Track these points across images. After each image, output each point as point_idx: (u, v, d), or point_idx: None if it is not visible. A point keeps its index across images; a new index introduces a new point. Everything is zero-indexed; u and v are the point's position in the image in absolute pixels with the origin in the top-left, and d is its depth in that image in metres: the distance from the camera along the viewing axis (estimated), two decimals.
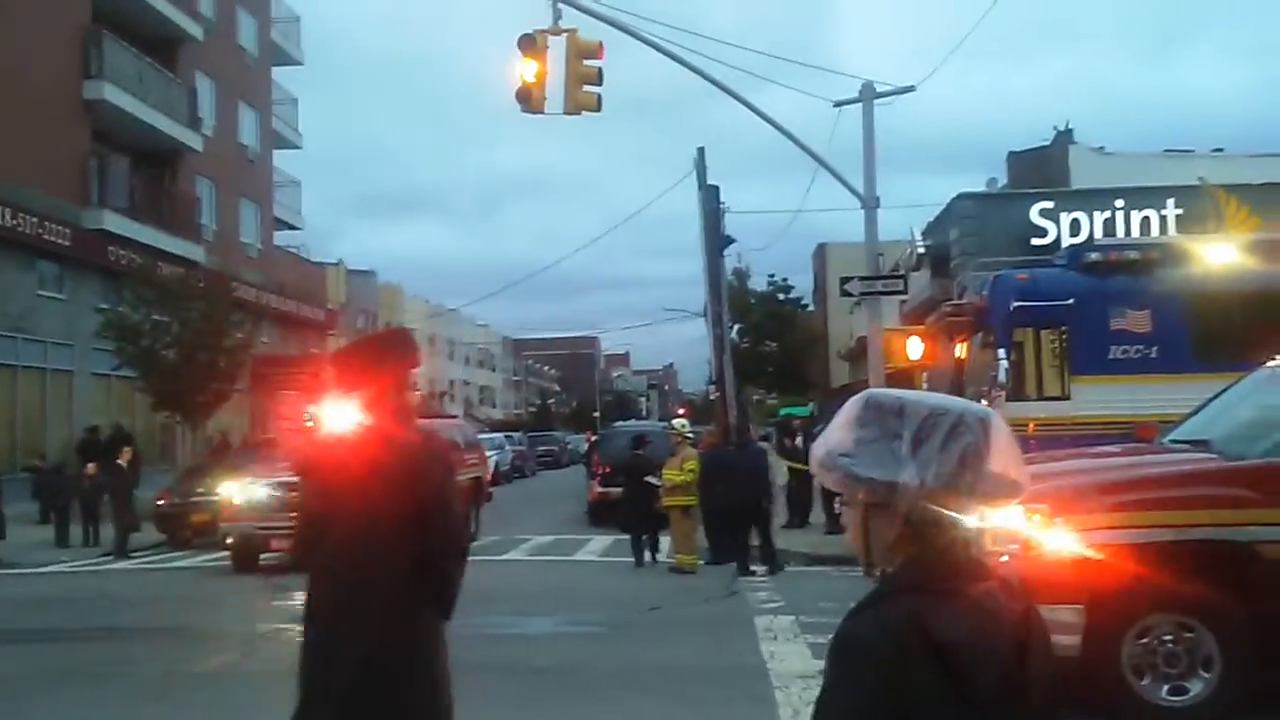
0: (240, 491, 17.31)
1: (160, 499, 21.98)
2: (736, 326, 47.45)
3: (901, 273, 24.72)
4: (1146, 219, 26.66)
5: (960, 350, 15.88)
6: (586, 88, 16.64)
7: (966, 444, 1.81)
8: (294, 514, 4.63)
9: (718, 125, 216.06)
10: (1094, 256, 14.58)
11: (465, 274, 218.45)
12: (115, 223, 31.03)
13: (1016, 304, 14.11)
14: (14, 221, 27.00)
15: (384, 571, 4.12)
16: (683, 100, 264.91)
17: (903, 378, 20.68)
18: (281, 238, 46.51)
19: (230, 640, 11.40)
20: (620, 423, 35.16)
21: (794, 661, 8.86)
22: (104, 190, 31.53)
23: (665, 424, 28.04)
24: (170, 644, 11.20)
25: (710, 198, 25.04)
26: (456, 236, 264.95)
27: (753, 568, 15.64)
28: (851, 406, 1.88)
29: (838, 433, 1.86)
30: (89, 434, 27.28)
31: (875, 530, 1.87)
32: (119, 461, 21.73)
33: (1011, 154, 37.05)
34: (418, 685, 4.13)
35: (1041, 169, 33.77)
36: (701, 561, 16.34)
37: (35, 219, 27.76)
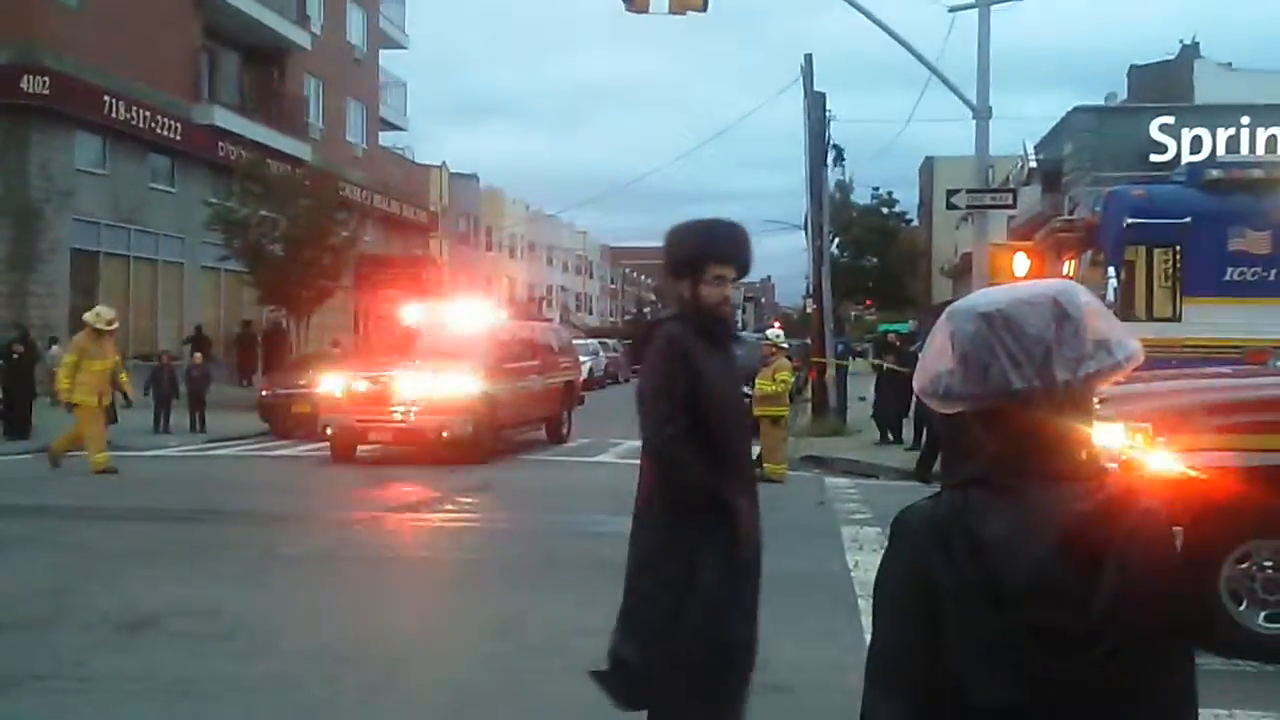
0: (339, 385, 17.65)
1: (264, 389, 22.56)
2: (837, 240, 46.82)
3: (1011, 187, 24.03)
4: (1273, 137, 25.54)
5: (1068, 268, 15.46)
6: None
7: (1058, 328, 1.70)
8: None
9: (809, 38, 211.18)
10: (1215, 174, 14.06)
11: (562, 181, 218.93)
12: (225, 118, 31.54)
13: (1130, 220, 13.68)
14: (128, 115, 27.58)
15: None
16: (775, 9, 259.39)
17: None
18: (386, 138, 46.86)
19: (325, 526, 11.71)
20: None
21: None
22: (214, 86, 32.03)
23: (760, 335, 27.91)
24: (268, 528, 11.53)
25: (816, 105, 24.53)
26: (552, 143, 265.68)
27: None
28: (942, 327, 1.79)
29: (934, 357, 1.78)
30: (243, 328, 29.55)
31: (973, 437, 1.79)
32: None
33: (1133, 68, 35.72)
34: None
35: (1164, 84, 32.46)
36: (790, 471, 16.32)
37: (148, 113, 28.33)
